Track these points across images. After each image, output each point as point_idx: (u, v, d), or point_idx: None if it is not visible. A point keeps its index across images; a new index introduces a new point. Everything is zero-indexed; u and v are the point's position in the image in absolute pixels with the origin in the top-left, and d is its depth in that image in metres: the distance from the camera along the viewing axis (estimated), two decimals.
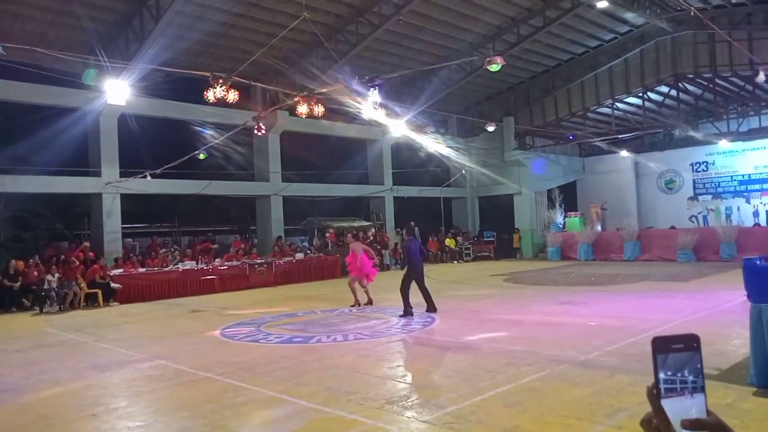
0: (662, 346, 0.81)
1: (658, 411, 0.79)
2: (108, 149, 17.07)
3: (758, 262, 5.58)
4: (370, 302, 12.00)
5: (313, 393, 5.77)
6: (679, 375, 0.80)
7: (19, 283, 14.00)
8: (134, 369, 7.27)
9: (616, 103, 24.39)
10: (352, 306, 11.88)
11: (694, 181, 26.52)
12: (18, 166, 15.83)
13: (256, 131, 17.28)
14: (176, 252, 18.36)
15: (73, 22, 15.07)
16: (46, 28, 15.19)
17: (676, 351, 0.81)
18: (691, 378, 0.80)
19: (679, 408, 0.79)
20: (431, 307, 10.62)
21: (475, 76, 21.57)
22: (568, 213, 25.70)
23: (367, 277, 12.02)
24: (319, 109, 15.15)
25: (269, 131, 19.55)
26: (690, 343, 0.81)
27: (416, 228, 12.04)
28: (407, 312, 10.34)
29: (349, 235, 13.83)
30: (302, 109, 15.08)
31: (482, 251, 25.72)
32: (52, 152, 16.30)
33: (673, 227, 23.01)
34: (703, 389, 0.80)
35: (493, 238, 26.38)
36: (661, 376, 0.80)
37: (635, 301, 11.35)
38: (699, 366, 0.81)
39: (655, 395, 0.80)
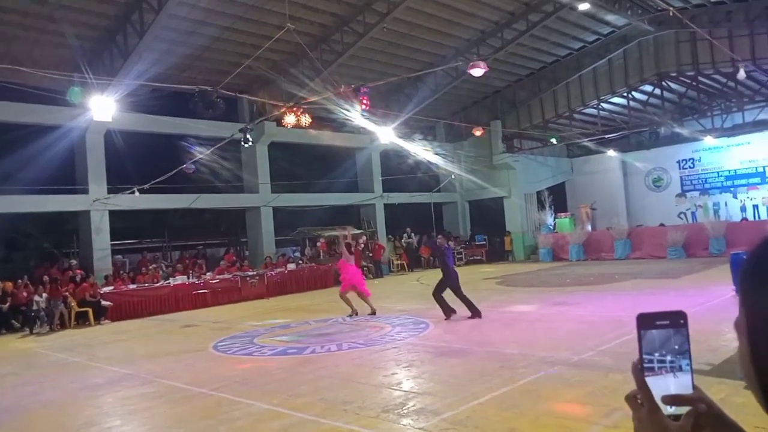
0: (647, 322, 0.80)
1: (642, 386, 0.79)
2: (95, 166, 16.97)
3: (745, 257, 5.64)
4: (373, 312, 11.62)
5: (308, 404, 5.74)
6: (663, 351, 0.79)
7: (7, 305, 13.84)
8: (127, 387, 7.20)
9: (602, 104, 24.59)
10: (350, 315, 11.65)
11: (681, 178, 26.73)
12: (4, 186, 15.69)
13: (243, 143, 17.24)
14: (167, 267, 18.24)
15: (57, 40, 15.01)
16: (30, 47, 15.13)
17: (662, 327, 0.80)
18: (676, 353, 0.79)
19: (663, 383, 0.78)
20: (476, 313, 10.33)
21: (461, 81, 21.69)
22: (558, 214, 25.81)
23: (355, 287, 11.74)
24: (306, 119, 15.17)
25: (257, 142, 19.52)
26: (676, 319, 0.80)
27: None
28: (449, 313, 10.43)
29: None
30: (289, 119, 15.11)
31: (474, 255, 25.76)
32: (38, 170, 16.17)
33: (662, 224, 23.17)
34: (689, 367, 0.79)
35: (484, 242, 26.43)
36: (645, 351, 0.79)
37: (627, 300, 11.39)
38: (685, 342, 0.79)
39: (639, 370, 0.80)
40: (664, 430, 0.77)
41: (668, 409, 0.78)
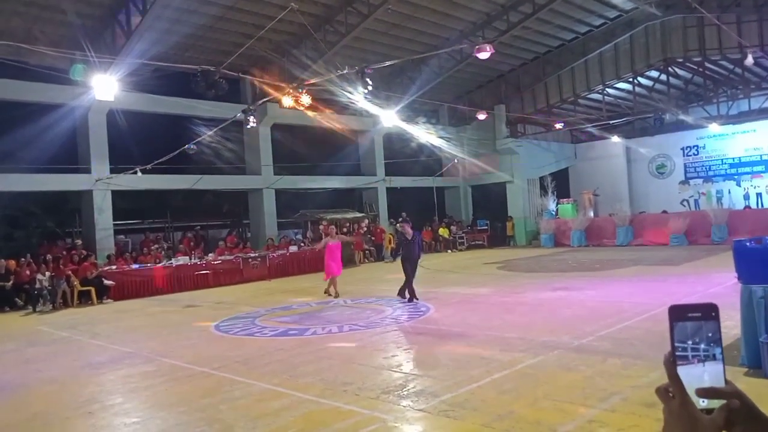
0: (679, 314, 0.80)
1: (674, 379, 0.78)
2: (97, 145, 16.95)
3: (748, 244, 5.63)
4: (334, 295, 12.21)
5: (308, 385, 5.78)
6: (695, 343, 0.78)
7: (11, 282, 13.91)
8: (129, 365, 7.26)
9: (607, 89, 24.39)
10: (330, 295, 12.17)
11: (685, 165, 26.62)
12: (6, 164, 15.68)
13: (246, 124, 17.17)
14: (168, 248, 18.29)
15: (58, 17, 14.89)
16: (31, 24, 15.01)
17: (694, 320, 0.79)
18: (709, 346, 0.78)
19: (695, 376, 0.77)
20: (411, 296, 10.92)
21: (465, 64, 21.51)
22: (561, 200, 25.76)
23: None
24: (308, 101, 15.08)
25: (260, 124, 19.44)
26: (708, 312, 0.79)
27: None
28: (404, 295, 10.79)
29: (332, 227, 13.69)
30: (292, 100, 15.02)
31: (476, 240, 25.77)
32: (40, 149, 16.15)
33: (664, 211, 23.13)
34: (720, 358, 0.78)
35: (486, 227, 26.44)
36: (677, 344, 0.79)
37: (628, 286, 11.42)
38: (717, 334, 0.79)
39: (671, 363, 0.79)
40: (695, 423, 0.76)
41: (701, 403, 0.77)
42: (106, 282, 14.41)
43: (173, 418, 5.10)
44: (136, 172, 16.86)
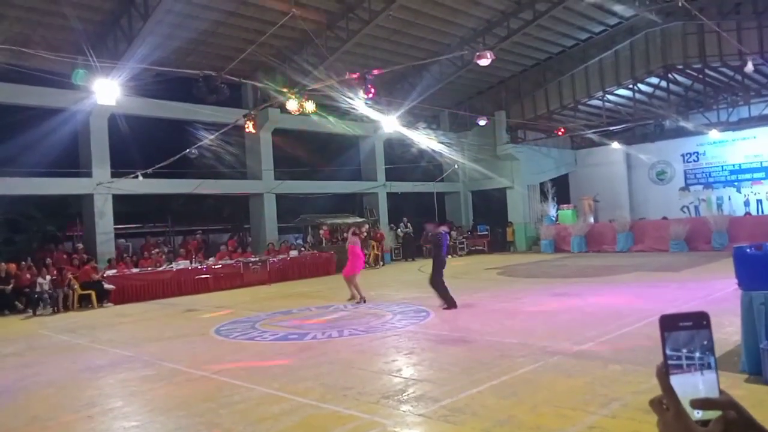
0: (670, 323, 0.79)
1: (668, 390, 0.77)
2: (99, 150, 16.98)
3: (748, 251, 5.63)
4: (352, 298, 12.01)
5: (308, 389, 5.78)
6: (687, 352, 0.78)
7: (11, 286, 13.91)
8: (129, 369, 7.25)
9: (607, 96, 24.45)
10: (357, 302, 11.72)
11: (685, 171, 26.65)
12: (7, 168, 15.70)
13: (247, 129, 17.20)
14: (168, 252, 18.30)
15: (60, 22, 14.95)
16: (32, 29, 15.07)
17: (685, 329, 0.78)
18: (703, 354, 0.77)
19: (689, 387, 0.76)
20: (451, 304, 10.41)
21: (466, 70, 21.57)
22: (561, 206, 25.78)
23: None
24: (310, 106, 15.13)
25: (260, 129, 19.49)
26: (699, 320, 0.79)
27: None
28: (451, 304, 10.28)
29: (353, 228, 13.61)
30: (293, 106, 15.07)
31: (476, 245, 25.77)
32: (41, 153, 16.18)
33: (664, 218, 23.12)
34: (714, 367, 0.77)
35: (486, 232, 26.44)
36: (669, 353, 0.78)
37: (628, 292, 11.41)
38: (709, 343, 0.78)
39: (664, 374, 0.78)
40: None
41: (696, 414, 0.75)
42: (107, 286, 14.41)
43: (173, 422, 5.10)
44: (137, 176, 16.89)
